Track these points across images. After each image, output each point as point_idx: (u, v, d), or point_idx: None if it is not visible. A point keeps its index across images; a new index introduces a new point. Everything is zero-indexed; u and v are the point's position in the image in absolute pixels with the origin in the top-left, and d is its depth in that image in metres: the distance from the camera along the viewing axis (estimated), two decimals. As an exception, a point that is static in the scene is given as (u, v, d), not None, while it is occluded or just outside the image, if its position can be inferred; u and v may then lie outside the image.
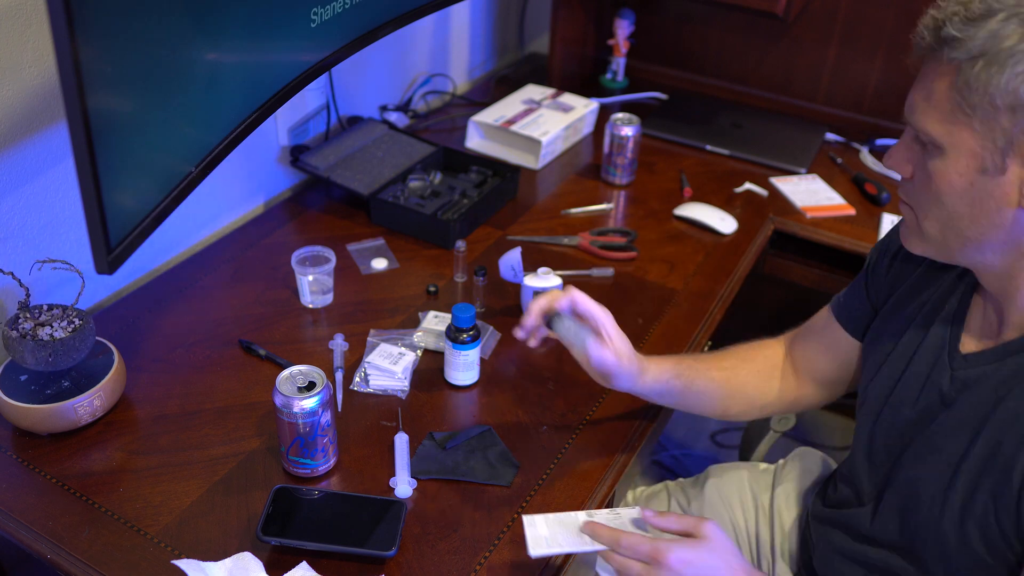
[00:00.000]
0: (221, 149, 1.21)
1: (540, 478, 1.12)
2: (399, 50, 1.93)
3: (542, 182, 1.78)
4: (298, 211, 1.64)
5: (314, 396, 1.03)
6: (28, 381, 1.14)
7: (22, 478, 1.09)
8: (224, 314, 1.37)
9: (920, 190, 0.88)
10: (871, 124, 2.01)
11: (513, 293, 1.42)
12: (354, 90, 1.83)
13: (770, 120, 2.03)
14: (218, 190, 1.55)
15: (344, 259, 1.50)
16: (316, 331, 1.35)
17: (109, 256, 0.99)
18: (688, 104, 2.10)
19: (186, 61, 1.10)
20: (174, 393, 1.22)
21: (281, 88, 1.32)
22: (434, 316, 1.37)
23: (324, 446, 1.08)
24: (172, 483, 1.09)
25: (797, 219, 1.70)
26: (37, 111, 1.20)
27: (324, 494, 1.05)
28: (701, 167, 1.86)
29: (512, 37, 2.36)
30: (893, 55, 1.94)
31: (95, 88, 0.89)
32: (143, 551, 1.00)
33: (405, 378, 1.24)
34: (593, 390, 1.26)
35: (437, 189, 1.66)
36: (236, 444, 1.14)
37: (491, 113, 1.88)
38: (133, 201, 1.05)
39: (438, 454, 1.14)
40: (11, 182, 1.21)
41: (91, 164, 0.92)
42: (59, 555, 1.00)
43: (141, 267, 1.47)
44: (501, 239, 1.59)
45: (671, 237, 1.62)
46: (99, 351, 1.18)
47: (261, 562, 0.98)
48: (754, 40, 2.09)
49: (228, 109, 1.22)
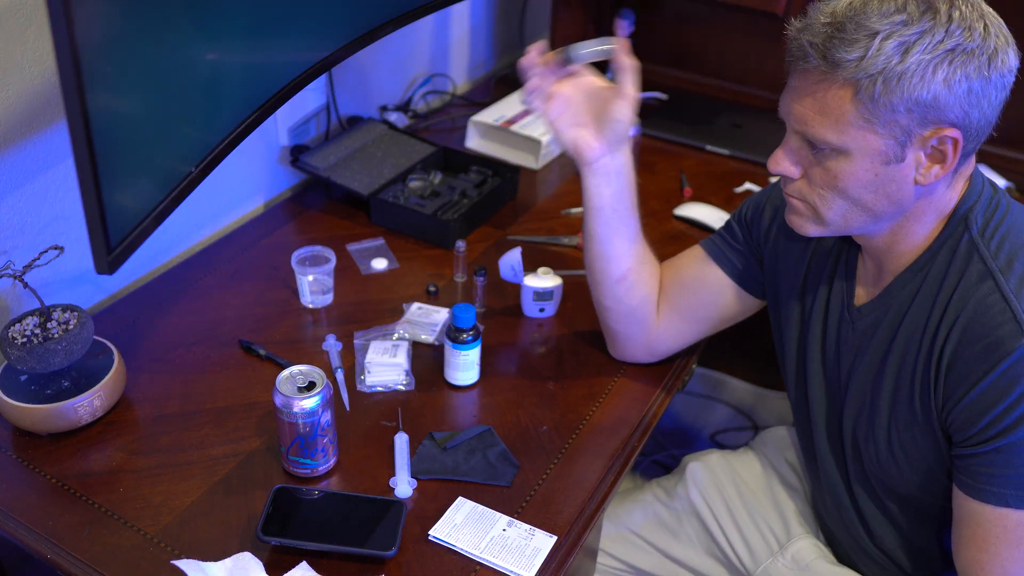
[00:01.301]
0: (221, 149, 1.21)
1: (540, 478, 1.12)
2: (399, 50, 1.93)
3: (542, 182, 1.78)
4: (298, 211, 1.64)
5: (314, 396, 1.03)
6: (28, 381, 1.14)
7: (22, 478, 1.09)
8: (224, 314, 1.37)
9: (818, 186, 0.98)
10: (871, 124, 2.01)
11: (513, 293, 1.42)
12: (354, 90, 1.83)
13: (770, 120, 2.01)
14: (218, 190, 1.55)
15: (344, 259, 1.50)
16: (316, 331, 1.35)
17: (109, 256, 1.00)
18: (688, 104, 2.10)
19: (186, 61, 1.10)
20: (174, 393, 1.22)
21: (281, 88, 1.32)
22: (418, 308, 1.37)
23: (324, 446, 1.08)
24: (172, 483, 1.09)
25: (797, 219, 1.70)
26: (37, 111, 1.20)
27: (324, 494, 1.05)
28: (701, 167, 1.86)
29: (512, 37, 2.36)
30: (893, 55, 1.94)
31: (95, 88, 0.89)
32: (143, 551, 1.00)
33: (407, 369, 1.25)
34: (593, 390, 1.26)
35: (437, 189, 1.66)
36: (236, 444, 1.14)
37: (491, 113, 1.88)
38: (133, 201, 1.05)
39: (438, 454, 1.14)
40: (11, 182, 1.21)
41: (91, 164, 0.92)
42: (59, 555, 1.00)
43: (141, 267, 1.47)
44: (501, 239, 1.59)
45: (671, 237, 1.62)
46: (99, 351, 1.18)
47: (261, 562, 0.98)
48: (754, 40, 2.09)
49: (228, 109, 1.22)
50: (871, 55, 0.88)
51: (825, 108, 0.93)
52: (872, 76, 0.88)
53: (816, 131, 0.94)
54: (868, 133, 0.91)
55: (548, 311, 1.39)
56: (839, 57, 0.89)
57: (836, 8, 0.92)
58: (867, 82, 0.89)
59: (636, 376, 1.29)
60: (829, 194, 0.98)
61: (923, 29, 0.87)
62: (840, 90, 0.91)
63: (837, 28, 0.90)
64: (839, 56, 0.89)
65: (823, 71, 0.91)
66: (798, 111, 0.96)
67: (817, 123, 0.94)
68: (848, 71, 0.89)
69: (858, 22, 0.89)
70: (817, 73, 0.92)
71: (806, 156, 0.98)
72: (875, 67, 0.88)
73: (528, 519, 1.06)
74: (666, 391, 1.28)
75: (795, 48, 0.95)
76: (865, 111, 0.90)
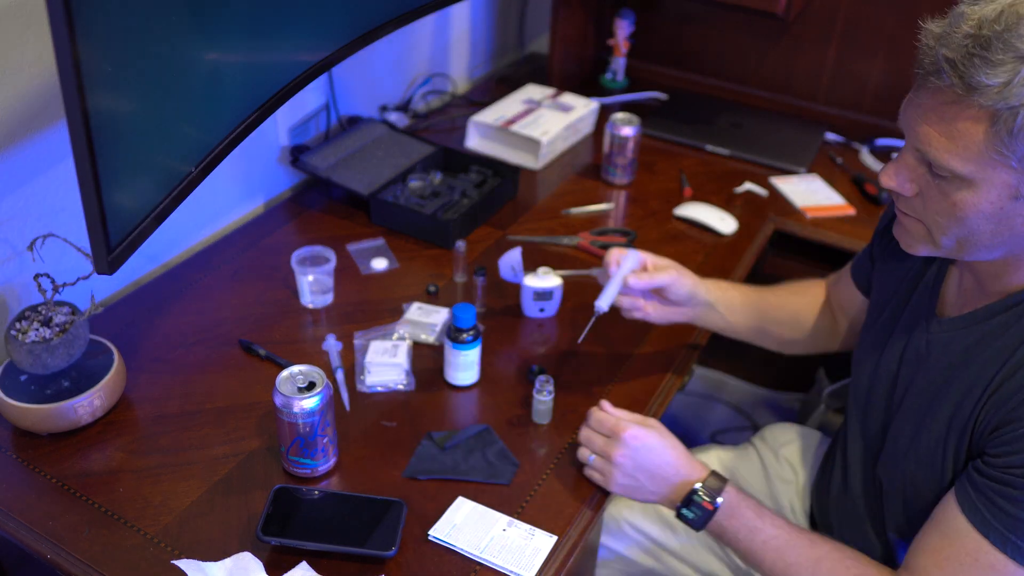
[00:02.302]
0: (221, 149, 1.21)
1: (540, 478, 1.12)
2: (399, 50, 1.93)
3: (542, 182, 1.78)
4: (298, 211, 1.64)
5: (314, 396, 1.03)
6: (28, 381, 1.14)
7: (22, 478, 1.09)
8: (224, 314, 1.37)
9: (935, 210, 0.89)
10: (871, 124, 2.01)
11: (513, 293, 1.42)
12: (354, 90, 1.83)
13: (770, 120, 2.03)
14: (218, 190, 1.55)
15: (344, 259, 1.50)
16: (316, 331, 1.35)
17: (109, 256, 1.00)
18: (688, 104, 2.10)
19: (186, 61, 1.10)
20: (174, 393, 1.22)
21: (281, 88, 1.32)
22: (418, 308, 1.37)
23: (324, 446, 1.08)
24: (172, 483, 1.09)
25: (797, 219, 1.70)
26: (37, 111, 1.20)
27: (324, 494, 1.05)
28: (701, 167, 1.86)
29: (512, 37, 2.36)
30: (893, 55, 1.94)
31: (95, 88, 0.89)
32: (143, 551, 1.00)
33: (407, 369, 1.25)
34: (593, 390, 1.26)
35: (437, 189, 1.66)
36: (236, 444, 1.14)
37: (491, 113, 1.88)
38: (133, 201, 1.05)
39: (437, 454, 1.14)
40: (11, 182, 1.21)
41: (91, 164, 0.92)
42: (59, 555, 1.00)
43: (141, 267, 1.47)
44: (501, 239, 1.59)
45: (671, 237, 1.62)
46: (99, 351, 1.18)
47: (261, 562, 0.98)
48: (754, 40, 2.09)
49: (228, 109, 1.22)
50: (1017, 83, 0.77)
51: (954, 134, 0.82)
52: (1014, 109, 0.78)
53: (941, 156, 0.84)
54: (1000, 167, 0.82)
55: (548, 311, 1.39)
56: (979, 81, 0.78)
57: (983, 16, 0.79)
58: (1007, 114, 0.78)
59: (636, 376, 1.29)
60: (945, 220, 0.89)
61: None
62: (974, 117, 0.80)
63: (982, 45, 0.78)
64: (979, 80, 0.78)
65: (958, 93, 0.81)
66: (923, 132, 0.85)
67: (943, 148, 0.84)
68: (987, 98, 0.78)
69: (1007, 41, 0.77)
70: (950, 93, 0.81)
71: (923, 176, 0.89)
72: (1020, 98, 0.77)
73: (528, 519, 1.06)
74: (666, 391, 1.28)
75: (927, 60, 0.83)
76: (1000, 144, 0.80)
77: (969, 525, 0.91)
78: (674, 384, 1.30)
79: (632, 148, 1.73)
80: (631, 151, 1.73)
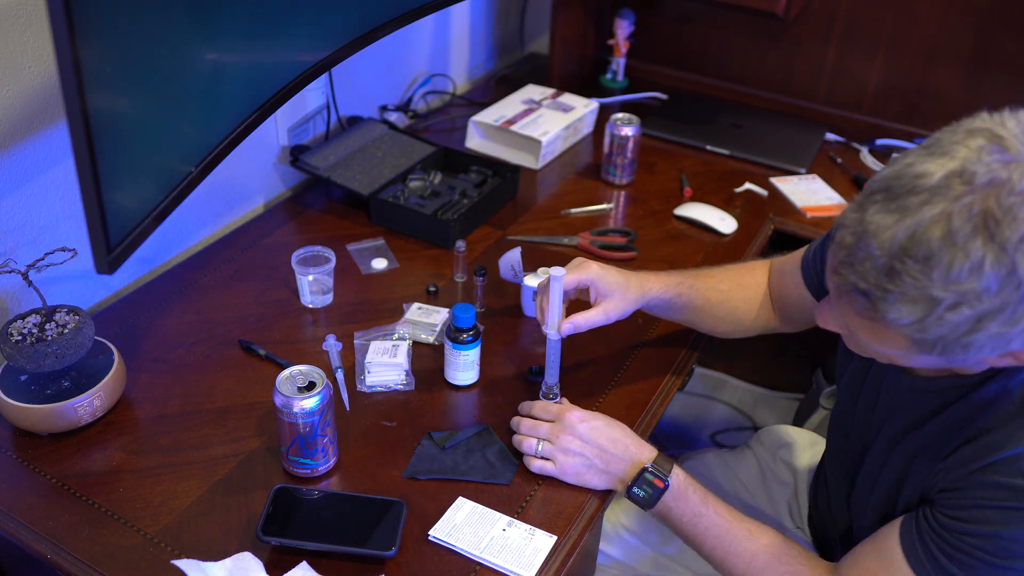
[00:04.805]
0: (221, 149, 1.21)
1: (540, 478, 1.12)
2: (399, 50, 1.93)
3: (542, 182, 1.78)
4: (298, 211, 1.64)
5: (314, 396, 1.03)
6: (28, 381, 1.14)
7: (22, 478, 1.09)
8: (224, 314, 1.37)
9: (874, 346, 0.85)
10: (871, 124, 2.01)
11: (513, 293, 1.42)
12: (354, 90, 1.83)
13: (770, 120, 2.03)
14: (218, 190, 1.55)
15: (344, 259, 1.50)
16: (316, 331, 1.35)
17: (109, 256, 1.00)
18: (688, 104, 2.10)
19: (186, 61, 1.10)
20: (174, 393, 1.22)
21: (281, 88, 1.32)
22: (418, 308, 1.37)
23: (324, 446, 1.08)
24: (172, 483, 1.09)
25: (797, 219, 1.70)
26: (37, 111, 1.20)
27: (324, 494, 1.05)
28: (701, 167, 1.86)
29: (512, 37, 2.36)
30: (893, 55, 1.94)
31: (95, 88, 0.89)
32: (143, 551, 1.00)
33: (407, 369, 1.25)
34: (593, 390, 1.26)
35: (437, 189, 1.66)
36: (236, 444, 1.14)
37: (491, 113, 1.88)
38: (133, 201, 1.05)
39: (437, 454, 1.14)
40: (11, 182, 1.21)
41: (91, 164, 0.92)
42: (59, 555, 1.00)
43: (141, 267, 1.47)
44: (501, 239, 1.59)
45: (671, 237, 1.62)
46: (99, 351, 1.18)
47: (261, 562, 0.98)
48: (754, 40, 2.09)
49: (228, 109, 1.22)
50: (931, 321, 0.75)
51: (879, 333, 0.81)
52: (931, 342, 0.77)
53: (870, 344, 0.84)
54: (926, 355, 0.81)
55: (548, 311, 1.39)
56: (892, 319, 0.76)
57: (894, 242, 0.73)
58: (926, 344, 0.78)
59: (636, 376, 1.29)
60: (887, 357, 0.87)
61: (1005, 301, 0.72)
62: (894, 332, 0.79)
63: (889, 275, 0.74)
64: (892, 318, 0.76)
65: (871, 315, 0.78)
66: (849, 320, 0.83)
67: (870, 339, 0.83)
68: (904, 328, 0.77)
69: (917, 278, 0.73)
70: (868, 313, 0.79)
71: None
72: (935, 334, 0.76)
73: (528, 519, 1.06)
74: (666, 391, 1.28)
75: (840, 280, 0.80)
76: (926, 349, 0.79)
77: (903, 559, 0.93)
78: (674, 384, 1.30)
79: (632, 148, 1.73)
80: (631, 151, 1.73)
